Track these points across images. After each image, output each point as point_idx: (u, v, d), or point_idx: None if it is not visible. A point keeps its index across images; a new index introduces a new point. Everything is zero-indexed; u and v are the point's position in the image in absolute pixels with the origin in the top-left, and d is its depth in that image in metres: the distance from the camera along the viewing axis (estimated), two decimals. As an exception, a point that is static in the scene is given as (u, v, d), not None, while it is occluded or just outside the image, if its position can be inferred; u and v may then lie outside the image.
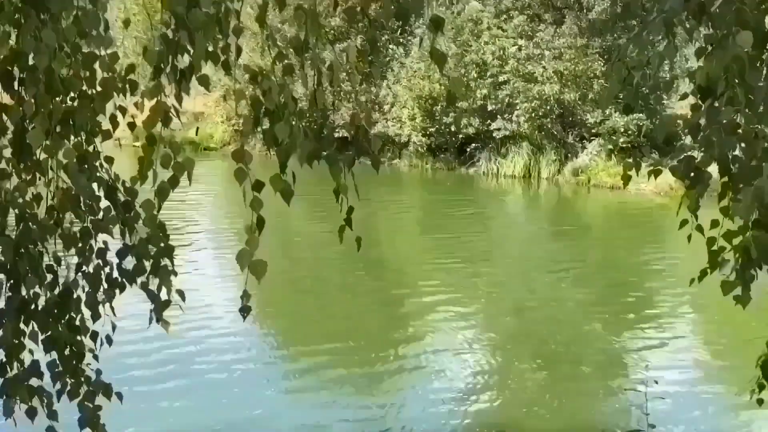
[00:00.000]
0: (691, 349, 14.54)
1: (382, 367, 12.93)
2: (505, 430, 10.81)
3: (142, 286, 4.42)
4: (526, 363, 13.34)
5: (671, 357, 13.76)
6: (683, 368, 13.23)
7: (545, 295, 17.91)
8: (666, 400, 10.77)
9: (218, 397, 11.32)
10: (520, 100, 35.46)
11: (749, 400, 5.60)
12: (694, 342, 15.05)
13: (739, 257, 4.27)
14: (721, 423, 11.27)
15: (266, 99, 3.63)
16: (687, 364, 13.57)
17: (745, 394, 5.61)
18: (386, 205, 29.04)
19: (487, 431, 10.77)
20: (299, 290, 17.64)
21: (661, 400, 8.90)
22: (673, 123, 4.30)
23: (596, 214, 31.00)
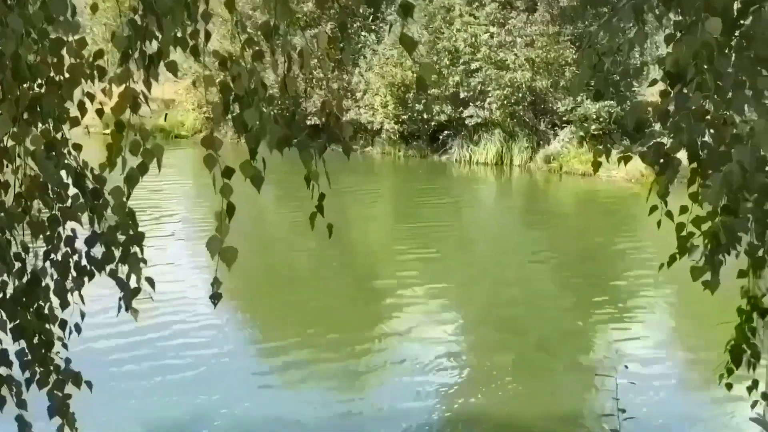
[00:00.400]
0: (662, 334, 14.68)
1: (357, 358, 12.91)
2: (481, 419, 10.87)
3: (111, 274, 4.38)
4: (501, 351, 13.39)
5: (642, 342, 13.88)
6: (654, 353, 13.34)
7: (519, 283, 17.98)
8: (637, 385, 10.86)
9: (193, 391, 11.26)
10: (492, 87, 35.50)
11: (718, 384, 5.65)
12: (665, 327, 15.19)
13: (707, 243, 4.29)
14: (691, 407, 11.39)
15: (236, 85, 3.60)
16: (658, 349, 13.70)
17: (715, 379, 5.65)
18: (359, 193, 29.01)
19: (464, 420, 10.82)
20: (274, 281, 17.59)
21: (632, 385, 8.96)
22: (642, 109, 4.32)
23: (568, 201, 31.15)
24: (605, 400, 10.50)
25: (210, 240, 3.57)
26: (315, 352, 12.96)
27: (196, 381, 11.53)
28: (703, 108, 3.99)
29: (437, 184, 32.69)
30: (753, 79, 4.07)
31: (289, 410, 10.72)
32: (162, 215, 23.37)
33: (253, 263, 18.90)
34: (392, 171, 37.05)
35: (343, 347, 13.22)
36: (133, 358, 12.22)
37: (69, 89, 4.11)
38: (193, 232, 21.54)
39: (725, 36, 4.19)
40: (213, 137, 3.59)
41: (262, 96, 3.64)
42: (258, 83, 3.62)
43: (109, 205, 4.28)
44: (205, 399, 10.95)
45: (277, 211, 26.08)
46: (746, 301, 5.54)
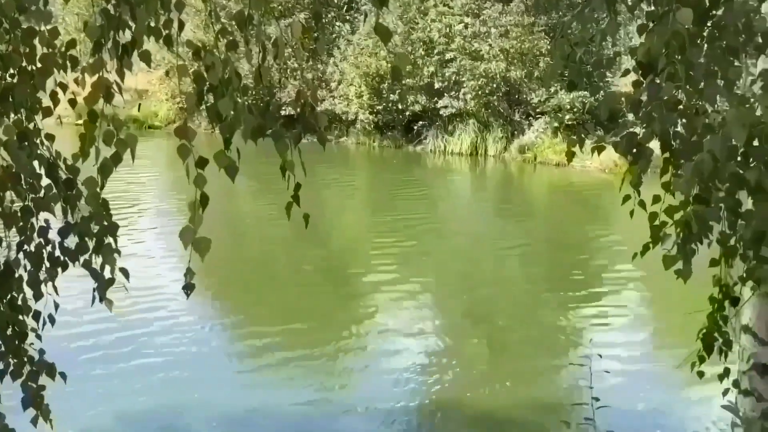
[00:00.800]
0: (636, 323, 14.78)
1: (333, 348, 12.91)
2: (458, 410, 10.91)
3: (85, 265, 4.36)
4: (476, 341, 13.45)
5: (616, 332, 14.00)
6: (628, 342, 13.44)
7: (493, 272, 18.06)
8: (611, 374, 10.94)
9: (171, 380, 11.26)
10: (467, 77, 35.56)
11: (690, 372, 5.71)
12: (639, 316, 15.29)
13: (680, 232, 4.33)
14: (665, 395, 11.48)
15: (209, 75, 3.59)
16: (632, 338, 13.80)
17: (689, 367, 5.70)
18: (334, 184, 29.02)
19: (442, 411, 10.86)
20: (250, 271, 17.53)
21: (605, 374, 9.03)
22: (616, 100, 4.34)
23: (542, 191, 31.27)
24: (580, 389, 10.58)
25: (183, 230, 3.56)
26: (293, 345, 12.95)
27: (174, 376, 11.49)
28: (675, 98, 4.02)
29: (412, 174, 32.71)
30: (724, 69, 4.11)
31: (268, 403, 10.72)
32: (135, 206, 23.24)
33: (229, 256, 18.86)
34: (367, 161, 37.04)
35: (321, 340, 13.20)
36: (109, 354, 12.17)
37: (41, 79, 4.08)
38: (167, 223, 21.47)
39: (697, 26, 4.22)
40: (186, 127, 3.58)
41: (236, 86, 3.63)
42: (232, 73, 3.61)
43: (82, 196, 4.25)
44: (184, 393, 10.91)
45: (253, 203, 26.03)
46: (718, 289, 5.59)
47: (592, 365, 6.74)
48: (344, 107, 38.52)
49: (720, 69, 4.07)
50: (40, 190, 4.32)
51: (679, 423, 10.46)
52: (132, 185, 25.40)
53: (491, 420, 10.59)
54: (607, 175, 29.49)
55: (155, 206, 24.43)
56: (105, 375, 11.32)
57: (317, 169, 32.37)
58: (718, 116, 4.06)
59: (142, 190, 26.27)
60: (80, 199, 4.33)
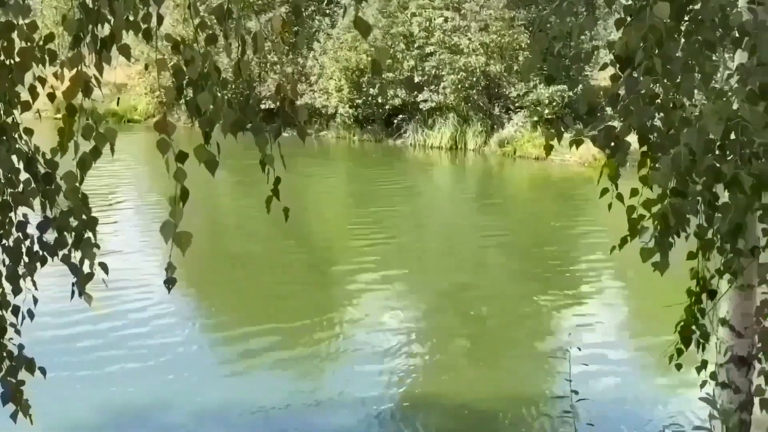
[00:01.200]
0: (616, 315, 14.88)
1: (315, 344, 12.91)
2: (437, 402, 10.95)
3: (64, 259, 4.35)
4: (457, 335, 13.49)
5: (596, 324, 14.05)
6: (607, 335, 13.52)
7: (473, 267, 18.11)
8: (590, 366, 11.00)
9: (153, 379, 11.21)
10: (447, 71, 35.57)
11: (668, 365, 5.75)
12: (619, 309, 15.38)
13: (657, 225, 4.35)
14: (645, 387, 11.57)
15: (189, 69, 3.59)
16: (611, 330, 13.88)
17: (667, 359, 5.74)
18: (315, 178, 28.99)
19: (421, 404, 10.90)
20: (230, 267, 17.46)
21: (584, 366, 9.08)
22: (594, 93, 4.36)
23: (522, 185, 31.34)
24: (559, 382, 10.63)
25: (164, 225, 3.56)
26: (273, 339, 12.95)
27: (156, 369, 11.48)
28: (652, 92, 4.05)
29: (392, 168, 32.70)
30: (701, 63, 4.14)
31: (248, 397, 10.71)
32: (115, 201, 23.12)
33: (210, 250, 18.84)
34: (347, 155, 36.99)
35: (301, 333, 13.20)
36: (89, 349, 12.15)
37: (20, 73, 4.06)
38: (147, 218, 21.40)
39: (675, 20, 4.25)
40: (166, 121, 3.58)
41: (215, 80, 3.63)
42: (211, 67, 3.61)
43: (61, 190, 4.24)
44: (165, 386, 10.91)
45: (233, 197, 25.97)
46: (695, 282, 5.64)
47: (571, 358, 6.77)
48: (324, 101, 38.45)
49: (697, 63, 4.10)
50: (18, 185, 4.31)
51: (658, 414, 10.52)
52: (112, 179, 25.28)
53: (472, 412, 10.62)
54: (586, 169, 29.60)
55: (135, 201, 24.34)
56: (86, 369, 11.31)
57: (298, 162, 32.37)
58: (696, 110, 4.10)
59: (122, 184, 26.14)
60: (59, 193, 4.31)
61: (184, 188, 3.61)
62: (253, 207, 22.96)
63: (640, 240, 4.47)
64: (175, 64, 3.62)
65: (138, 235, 19.75)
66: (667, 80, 4.05)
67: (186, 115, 36.16)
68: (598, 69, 24.04)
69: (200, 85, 3.60)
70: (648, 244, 4.42)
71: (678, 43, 4.03)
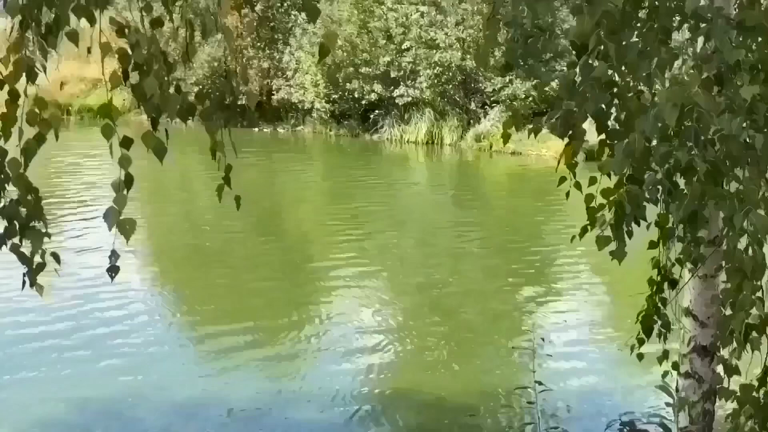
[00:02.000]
0: (586, 306, 14.93)
1: (291, 340, 12.78)
2: (410, 394, 10.94)
3: (13, 248, 4.26)
4: (433, 331, 13.44)
5: (565, 317, 14.13)
6: (579, 326, 13.57)
7: (451, 262, 18.12)
8: (561, 358, 11.07)
9: (122, 370, 11.15)
10: (423, 66, 35.53)
11: (630, 355, 5.74)
12: (590, 300, 15.40)
13: (613, 212, 4.33)
14: (606, 378, 11.62)
15: (134, 53, 3.52)
16: (582, 321, 13.93)
17: (627, 350, 5.73)
18: (291, 173, 28.93)
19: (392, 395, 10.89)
20: (205, 263, 17.32)
21: (559, 357, 9.12)
22: (550, 81, 4.33)
23: (499, 179, 31.36)
24: (525, 373, 10.71)
25: (107, 211, 3.49)
26: (247, 336, 12.87)
27: (129, 366, 11.40)
28: (608, 78, 4.01)
29: (369, 163, 32.66)
30: (658, 50, 4.11)
31: (223, 394, 10.65)
32: (89, 198, 22.88)
33: (184, 245, 18.78)
34: (324, 151, 36.89)
35: (276, 330, 13.14)
36: (63, 345, 12.06)
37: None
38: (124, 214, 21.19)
39: (632, 7, 4.22)
40: (111, 105, 3.51)
41: (161, 64, 3.57)
42: (157, 51, 3.54)
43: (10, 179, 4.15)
44: (135, 383, 10.84)
45: (208, 192, 25.80)
46: (656, 272, 5.63)
47: (535, 349, 6.76)
48: (300, 96, 38.30)
49: (653, 50, 4.07)
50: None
51: (621, 405, 10.51)
52: (88, 177, 25.16)
53: (445, 407, 10.61)
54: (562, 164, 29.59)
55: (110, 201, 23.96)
56: (58, 376, 11.17)
57: (274, 158, 32.30)
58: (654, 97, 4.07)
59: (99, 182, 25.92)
60: (9, 182, 4.23)
61: (128, 174, 3.55)
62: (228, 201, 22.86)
63: (598, 229, 4.45)
64: (120, 49, 3.56)
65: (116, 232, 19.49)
66: (624, 67, 4.01)
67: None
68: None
69: (146, 69, 3.53)
70: (603, 232, 4.39)
71: (633, 30, 3.99)
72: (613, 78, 4.12)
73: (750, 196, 3.95)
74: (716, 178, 3.97)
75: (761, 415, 4.46)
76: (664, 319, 5.57)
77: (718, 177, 3.97)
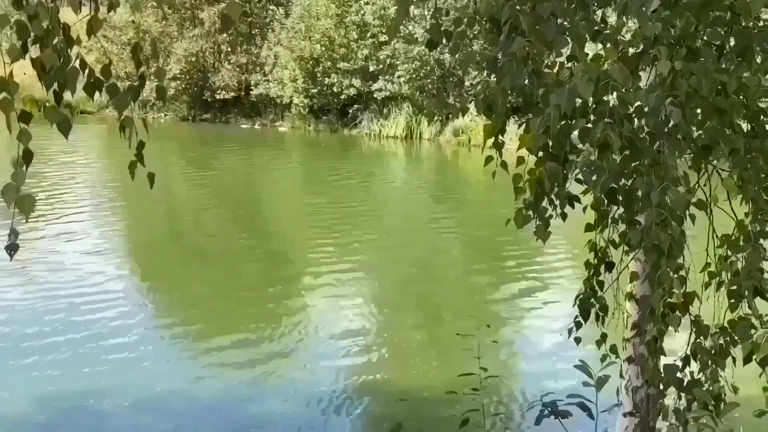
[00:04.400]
0: (556, 296, 14.91)
1: (268, 336, 12.74)
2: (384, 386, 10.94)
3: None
4: (409, 325, 13.47)
5: (539, 301, 14.39)
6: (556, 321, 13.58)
7: (429, 257, 18.11)
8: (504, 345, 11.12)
9: (115, 379, 10.93)
10: (401, 61, 35.48)
11: (567, 338, 5.70)
12: (560, 290, 15.36)
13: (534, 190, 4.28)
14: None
15: (33, 25, 3.44)
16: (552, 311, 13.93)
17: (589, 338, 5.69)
18: (269, 168, 28.88)
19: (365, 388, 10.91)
20: (184, 262, 17.24)
21: (494, 344, 9.15)
22: (472, 58, 4.27)
23: (476, 173, 31.32)
24: (512, 367, 11.22)
25: (5, 188, 3.41)
26: (226, 330, 12.80)
27: (104, 364, 11.30)
28: (524, 52, 3.95)
29: (348, 158, 32.61)
30: (574, 24, 4.06)
31: (199, 389, 10.65)
32: (66, 195, 22.69)
33: (161, 240, 18.71)
34: (303, 146, 36.78)
35: (254, 325, 13.10)
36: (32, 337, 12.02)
37: None
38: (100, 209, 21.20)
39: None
40: (10, 79, 3.43)
41: (61, 37, 3.48)
42: (55, 23, 3.46)
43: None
44: (108, 376, 10.79)
45: (186, 187, 25.73)
46: (593, 254, 5.58)
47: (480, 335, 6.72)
48: (279, 91, 38.22)
49: (570, 24, 4.01)
50: None
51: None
52: (65, 173, 25.10)
53: (414, 397, 10.58)
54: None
55: (87, 195, 23.83)
56: (26, 358, 11.16)
57: (253, 153, 32.19)
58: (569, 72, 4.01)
59: (76, 178, 25.77)
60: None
61: (27, 150, 3.47)
62: (208, 197, 22.90)
63: (515, 203, 4.40)
64: (18, 20, 3.47)
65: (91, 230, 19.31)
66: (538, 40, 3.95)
67: (140, 105, 35.86)
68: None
69: (46, 42, 3.45)
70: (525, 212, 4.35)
71: (550, 4, 3.92)
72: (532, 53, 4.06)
73: (668, 172, 3.91)
74: (634, 153, 3.93)
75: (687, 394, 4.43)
76: (602, 302, 5.52)
77: (636, 153, 3.93)
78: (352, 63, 36.63)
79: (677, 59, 4.03)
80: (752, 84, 4.37)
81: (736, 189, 4.57)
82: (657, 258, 4.00)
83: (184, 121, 39.92)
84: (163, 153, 28.60)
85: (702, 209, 4.56)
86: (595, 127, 3.83)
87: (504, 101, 4.22)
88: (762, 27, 4.60)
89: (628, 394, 6.25)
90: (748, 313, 4.91)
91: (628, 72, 3.76)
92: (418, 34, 35.11)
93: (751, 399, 5.53)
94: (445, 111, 35.88)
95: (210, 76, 39.39)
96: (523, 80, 3.96)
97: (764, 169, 4.72)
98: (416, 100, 35.93)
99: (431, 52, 32.04)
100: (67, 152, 27.87)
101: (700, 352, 4.81)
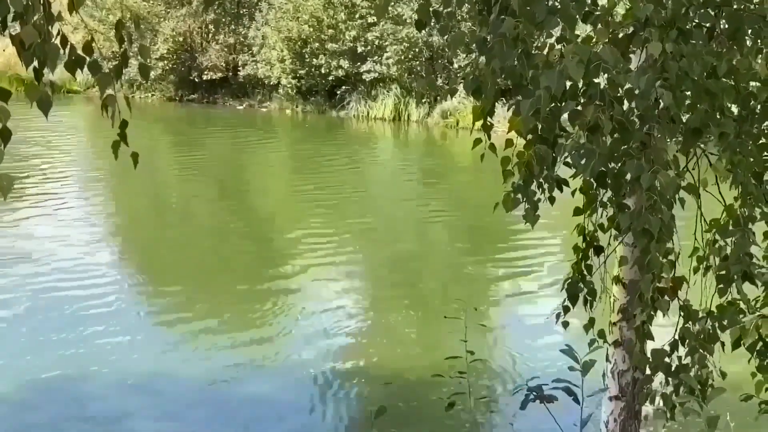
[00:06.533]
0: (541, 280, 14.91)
1: (257, 317, 12.81)
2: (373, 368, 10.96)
3: None
4: (396, 308, 13.48)
5: (527, 286, 14.31)
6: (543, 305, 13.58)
7: (416, 240, 18.15)
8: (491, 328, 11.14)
9: (100, 362, 10.93)
10: (390, 42, 35.35)
11: (555, 323, 5.67)
12: (543, 276, 15.37)
13: (522, 173, 4.24)
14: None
15: (12, 1, 3.36)
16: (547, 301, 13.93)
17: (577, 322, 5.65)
18: (257, 150, 28.80)
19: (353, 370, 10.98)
20: (173, 244, 17.19)
21: (481, 327, 9.17)
22: (461, 40, 4.21)
23: (464, 156, 31.26)
24: (497, 350, 11.19)
25: (-19, 167, 3.34)
26: (212, 313, 12.83)
27: (90, 341, 11.34)
28: (514, 34, 3.89)
29: (336, 140, 32.53)
30: (566, 6, 4.00)
31: (185, 370, 10.68)
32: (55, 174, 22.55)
33: (146, 222, 18.65)
34: (290, 127, 36.64)
35: (240, 308, 13.12)
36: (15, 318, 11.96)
37: None
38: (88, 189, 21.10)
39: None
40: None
41: (41, 13, 3.41)
42: (36, 0, 3.38)
43: None
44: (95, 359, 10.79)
45: (171, 168, 25.64)
46: (582, 238, 5.54)
47: (467, 319, 6.69)
48: (267, 71, 38.01)
49: (561, 5, 3.96)
50: None
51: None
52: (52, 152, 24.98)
53: (401, 380, 10.60)
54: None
55: (74, 173, 23.70)
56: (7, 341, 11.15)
57: (240, 134, 32.08)
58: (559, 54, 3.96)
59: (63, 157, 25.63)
60: None
61: (5, 128, 3.40)
62: (194, 178, 22.80)
63: (503, 185, 4.36)
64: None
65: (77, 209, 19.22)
66: (529, 21, 3.90)
67: (127, 84, 35.63)
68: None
69: (26, 18, 3.38)
70: (513, 195, 4.30)
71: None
72: (522, 34, 4.00)
73: (658, 155, 3.86)
74: (624, 136, 3.88)
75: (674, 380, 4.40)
76: (590, 286, 5.49)
77: (626, 136, 3.88)
78: (341, 44, 36.45)
79: (668, 41, 3.97)
80: (743, 67, 4.33)
81: (726, 173, 4.53)
82: (647, 242, 3.96)
83: (171, 101, 39.72)
84: (149, 133, 28.46)
85: (692, 193, 4.52)
86: (585, 110, 3.77)
87: (493, 83, 4.16)
88: (753, 9, 4.55)
89: (614, 378, 6.22)
90: (736, 298, 4.88)
91: (618, 54, 3.71)
92: (406, 15, 34.96)
93: (739, 384, 5.52)
94: (433, 93, 35.79)
95: (197, 56, 39.17)
96: (512, 62, 3.90)
97: (754, 153, 4.68)
98: (404, 82, 35.81)
99: (420, 33, 32.02)
100: (52, 131, 27.72)
101: (688, 337, 4.77)
